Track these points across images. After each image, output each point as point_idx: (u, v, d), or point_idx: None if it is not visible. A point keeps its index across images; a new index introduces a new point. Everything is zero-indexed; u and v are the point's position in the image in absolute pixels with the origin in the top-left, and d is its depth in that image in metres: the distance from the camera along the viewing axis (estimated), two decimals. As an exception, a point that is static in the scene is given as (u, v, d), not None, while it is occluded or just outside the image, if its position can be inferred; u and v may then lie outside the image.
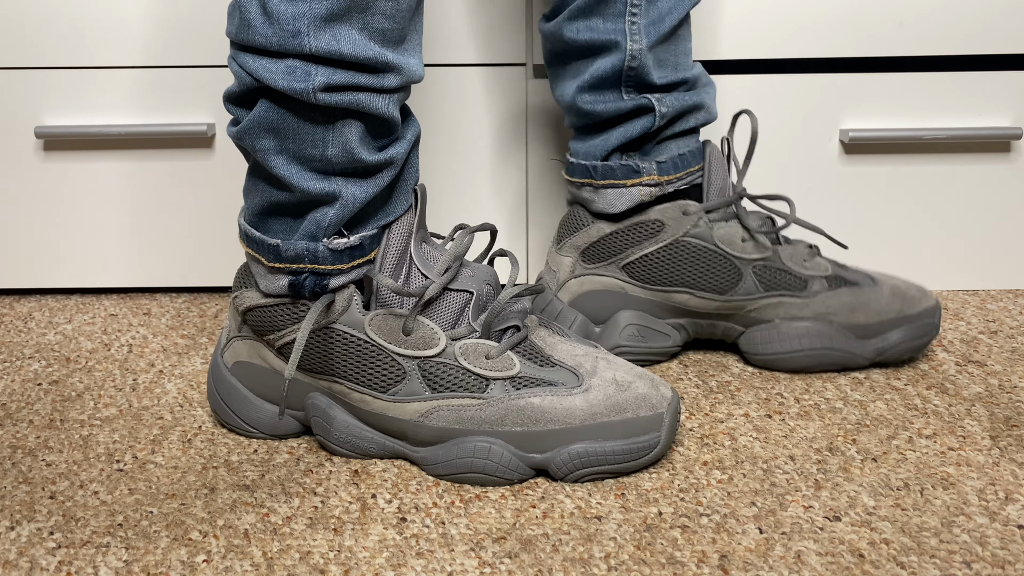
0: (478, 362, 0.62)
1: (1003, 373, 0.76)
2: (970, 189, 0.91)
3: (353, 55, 0.57)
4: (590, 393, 0.62)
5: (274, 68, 0.58)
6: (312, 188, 0.60)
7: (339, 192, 0.61)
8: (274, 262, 0.62)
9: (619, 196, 0.75)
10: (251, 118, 0.60)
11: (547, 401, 0.61)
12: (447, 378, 0.62)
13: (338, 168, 0.61)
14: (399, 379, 0.62)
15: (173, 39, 0.88)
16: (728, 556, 0.55)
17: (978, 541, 0.56)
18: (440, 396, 0.62)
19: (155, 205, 0.93)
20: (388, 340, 0.62)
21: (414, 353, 0.62)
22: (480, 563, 0.54)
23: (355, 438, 0.64)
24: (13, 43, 0.88)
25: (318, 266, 0.62)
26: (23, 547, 0.57)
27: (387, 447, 0.64)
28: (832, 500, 0.60)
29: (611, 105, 0.73)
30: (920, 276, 0.93)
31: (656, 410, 0.62)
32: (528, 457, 0.61)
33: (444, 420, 0.62)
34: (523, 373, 0.62)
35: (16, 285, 0.95)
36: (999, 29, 0.87)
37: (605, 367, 0.63)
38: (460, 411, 0.62)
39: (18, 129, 0.91)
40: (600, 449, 0.61)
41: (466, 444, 0.61)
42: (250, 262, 0.65)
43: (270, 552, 0.56)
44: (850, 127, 0.89)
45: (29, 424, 0.71)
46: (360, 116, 0.60)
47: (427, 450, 0.63)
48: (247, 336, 0.66)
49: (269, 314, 0.64)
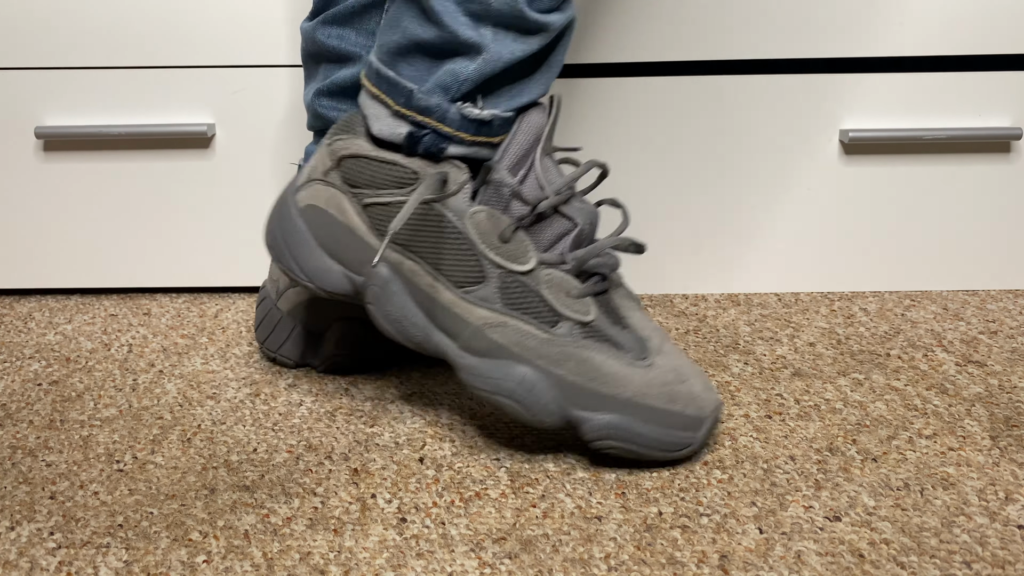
0: (558, 296, 0.61)
1: (1003, 373, 0.76)
2: (970, 189, 0.91)
3: None
4: (650, 371, 0.61)
5: None
6: (461, 32, 0.58)
7: (486, 45, 0.59)
8: (403, 107, 0.61)
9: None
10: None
11: (608, 363, 0.60)
12: (523, 298, 0.61)
13: (495, 17, 0.58)
14: (477, 281, 0.61)
15: (173, 39, 0.88)
16: (728, 556, 0.55)
17: (978, 541, 0.56)
18: (510, 313, 0.61)
19: (155, 205, 0.93)
20: (482, 240, 0.61)
21: (501, 262, 0.61)
22: (480, 563, 0.54)
23: (406, 320, 0.63)
24: (13, 43, 0.88)
25: (443, 126, 0.60)
26: (23, 547, 0.57)
27: (432, 340, 0.62)
28: (832, 500, 0.60)
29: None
30: (920, 276, 0.94)
31: (701, 412, 0.62)
32: (567, 409, 0.60)
33: (505, 338, 0.61)
34: (596, 324, 0.61)
35: (16, 285, 0.95)
36: (999, 29, 0.87)
37: (670, 350, 0.63)
38: (525, 336, 0.61)
39: (18, 129, 0.91)
40: (637, 429, 0.60)
41: (516, 369, 0.60)
42: (369, 104, 0.63)
43: (270, 553, 0.56)
44: (850, 127, 0.89)
45: (29, 424, 0.71)
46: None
47: (475, 359, 0.61)
48: (333, 183, 0.64)
49: (372, 168, 0.62)
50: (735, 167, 0.91)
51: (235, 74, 0.89)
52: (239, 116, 0.90)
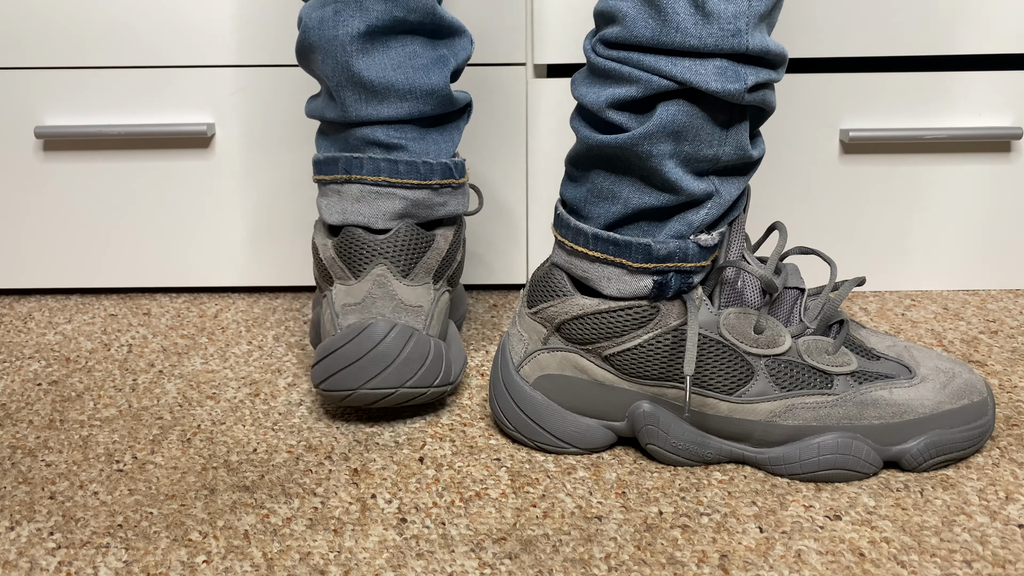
0: (820, 358, 0.62)
1: (1003, 373, 0.76)
2: (970, 189, 0.91)
3: (776, 51, 0.57)
4: (928, 383, 0.62)
5: (702, 70, 0.56)
6: (696, 189, 0.59)
7: (716, 190, 0.60)
8: (643, 262, 0.60)
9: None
10: (656, 122, 0.57)
11: (896, 393, 0.62)
12: (794, 376, 0.61)
13: (722, 166, 0.60)
14: (747, 379, 0.61)
15: (173, 39, 0.88)
16: (728, 556, 0.55)
17: (979, 540, 0.56)
18: (791, 394, 0.61)
19: (155, 205, 0.93)
20: (741, 339, 0.61)
21: (764, 352, 0.61)
22: (480, 564, 0.54)
23: (693, 444, 0.63)
24: (13, 43, 0.88)
25: (685, 264, 0.60)
26: (23, 547, 0.56)
27: (724, 451, 0.63)
28: (832, 499, 0.60)
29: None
30: (920, 276, 0.93)
31: (982, 395, 0.64)
32: (884, 450, 0.62)
33: (801, 418, 0.61)
34: (860, 368, 0.62)
35: (16, 285, 0.95)
36: (999, 29, 0.87)
37: (920, 355, 0.65)
38: (817, 409, 0.61)
39: (18, 129, 0.91)
40: (950, 437, 0.62)
41: (827, 441, 0.61)
42: (594, 268, 0.62)
43: (270, 553, 0.56)
44: (850, 127, 0.89)
45: (29, 424, 0.71)
46: (755, 111, 0.60)
47: (778, 450, 0.62)
48: (557, 348, 0.64)
49: (605, 320, 0.62)
50: (735, 167, 0.91)
51: (235, 74, 0.89)
52: (239, 116, 0.90)
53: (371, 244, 0.68)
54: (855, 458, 0.61)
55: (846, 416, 0.61)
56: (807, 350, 0.62)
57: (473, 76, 0.89)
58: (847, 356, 0.62)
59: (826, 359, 0.62)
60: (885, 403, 0.61)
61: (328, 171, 0.69)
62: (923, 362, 0.64)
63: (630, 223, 0.61)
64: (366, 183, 0.68)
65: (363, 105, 0.67)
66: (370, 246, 0.68)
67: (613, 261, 0.61)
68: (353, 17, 0.65)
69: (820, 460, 0.61)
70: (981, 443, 0.63)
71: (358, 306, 0.67)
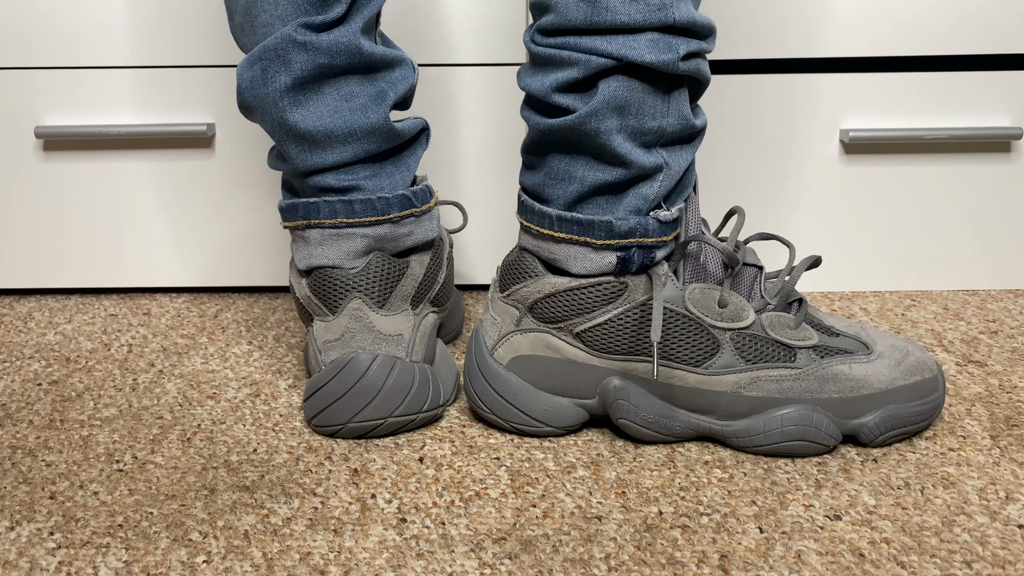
0: (783, 332, 0.64)
1: (1003, 373, 0.76)
2: (970, 189, 0.91)
3: (702, 23, 0.60)
4: (884, 359, 0.65)
5: (636, 44, 0.59)
6: (646, 162, 0.61)
7: (665, 162, 0.62)
8: (606, 239, 0.63)
9: None
10: (599, 99, 0.60)
11: (854, 369, 0.64)
12: (759, 349, 0.64)
13: (668, 138, 0.62)
14: (713, 352, 0.64)
15: (173, 39, 0.88)
16: (728, 556, 0.55)
17: (979, 540, 0.56)
18: (756, 367, 0.64)
19: (155, 205, 0.93)
20: (706, 313, 0.64)
21: (729, 325, 0.64)
22: (480, 564, 0.54)
23: (662, 417, 0.65)
24: (13, 43, 0.88)
25: (646, 239, 0.63)
26: (23, 547, 0.56)
27: (692, 423, 0.65)
28: (832, 499, 0.60)
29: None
30: (920, 276, 0.93)
31: (933, 372, 0.66)
32: (843, 423, 0.64)
33: (763, 390, 0.64)
34: (821, 342, 0.65)
35: (16, 285, 0.95)
36: (999, 29, 0.87)
37: (876, 335, 0.67)
38: (781, 381, 0.64)
39: (18, 129, 0.91)
40: (905, 411, 0.64)
41: (790, 413, 0.64)
42: (560, 248, 0.64)
43: (270, 553, 0.56)
44: (850, 127, 0.89)
45: (29, 424, 0.71)
46: (692, 82, 0.63)
47: (743, 422, 0.64)
48: (529, 329, 0.66)
49: (576, 298, 0.64)
50: (735, 167, 0.91)
51: (235, 74, 0.89)
52: (239, 116, 0.90)
53: (344, 279, 0.69)
54: (816, 429, 0.63)
55: (808, 389, 0.64)
56: (770, 324, 0.64)
57: (473, 76, 0.89)
58: (808, 331, 0.65)
59: (789, 333, 0.64)
60: (844, 378, 0.64)
61: (290, 218, 0.70)
62: (879, 340, 0.67)
63: (588, 200, 0.64)
64: (325, 227, 0.69)
65: (307, 155, 0.68)
66: (343, 281, 0.69)
67: (578, 240, 0.63)
68: (279, 73, 0.65)
69: (783, 431, 0.63)
70: (932, 418, 0.66)
71: (338, 341, 0.68)
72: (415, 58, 0.89)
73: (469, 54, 0.89)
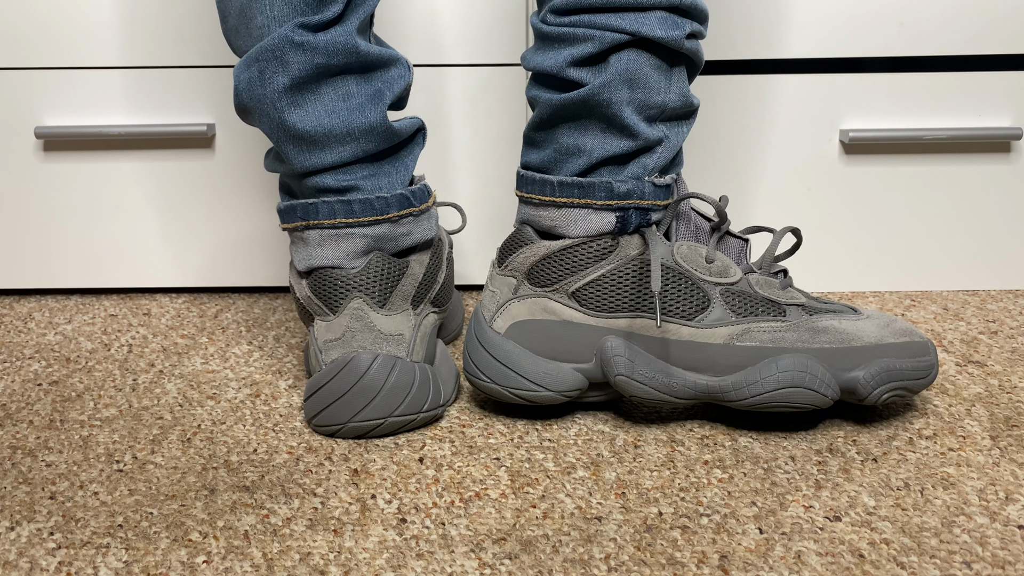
0: (772, 291, 0.67)
1: (1003, 373, 0.76)
2: (970, 189, 0.91)
3: (701, 7, 0.65)
4: (872, 320, 0.68)
5: (648, 20, 0.63)
6: (650, 134, 0.65)
7: (666, 136, 0.66)
8: (606, 199, 0.66)
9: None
10: (612, 71, 0.64)
11: (844, 323, 0.67)
12: (749, 304, 0.66)
13: (669, 113, 0.66)
14: (705, 306, 0.66)
15: (173, 39, 0.88)
16: (728, 556, 0.55)
17: (978, 541, 0.56)
18: (747, 320, 0.66)
19: (155, 205, 0.93)
20: (694, 267, 0.66)
21: (717, 280, 0.66)
22: (480, 564, 0.54)
23: (660, 374, 0.66)
24: (13, 43, 0.88)
25: (643, 201, 0.66)
26: (23, 547, 0.57)
27: (689, 382, 0.66)
28: (832, 500, 0.60)
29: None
30: (920, 276, 0.94)
31: (922, 339, 0.68)
32: (838, 374, 0.65)
33: (758, 340, 0.66)
34: (808, 304, 0.68)
35: (16, 285, 0.95)
36: (999, 29, 0.87)
37: (863, 306, 0.70)
38: (773, 332, 0.66)
39: (18, 129, 0.91)
40: (901, 366, 0.66)
41: (785, 359, 0.65)
42: (560, 214, 0.67)
43: (270, 553, 0.56)
44: (850, 127, 0.89)
45: (29, 424, 0.71)
46: (689, 62, 0.67)
47: (738, 375, 0.65)
48: (526, 295, 0.68)
49: (568, 257, 0.66)
50: (735, 167, 0.91)
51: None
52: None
53: (344, 279, 0.69)
54: (812, 376, 0.64)
55: (800, 339, 0.66)
56: (758, 283, 0.67)
57: (473, 76, 0.89)
58: (795, 293, 0.68)
59: (777, 292, 0.67)
60: (835, 330, 0.66)
61: (289, 220, 0.70)
62: (865, 308, 0.70)
63: (594, 172, 0.67)
64: (323, 227, 0.69)
65: (306, 156, 0.68)
66: (344, 281, 0.69)
67: (579, 203, 0.66)
68: (277, 73, 0.65)
69: (779, 377, 0.64)
70: (929, 379, 0.67)
71: (339, 341, 0.68)
72: (412, 59, 0.89)
73: (466, 55, 0.89)
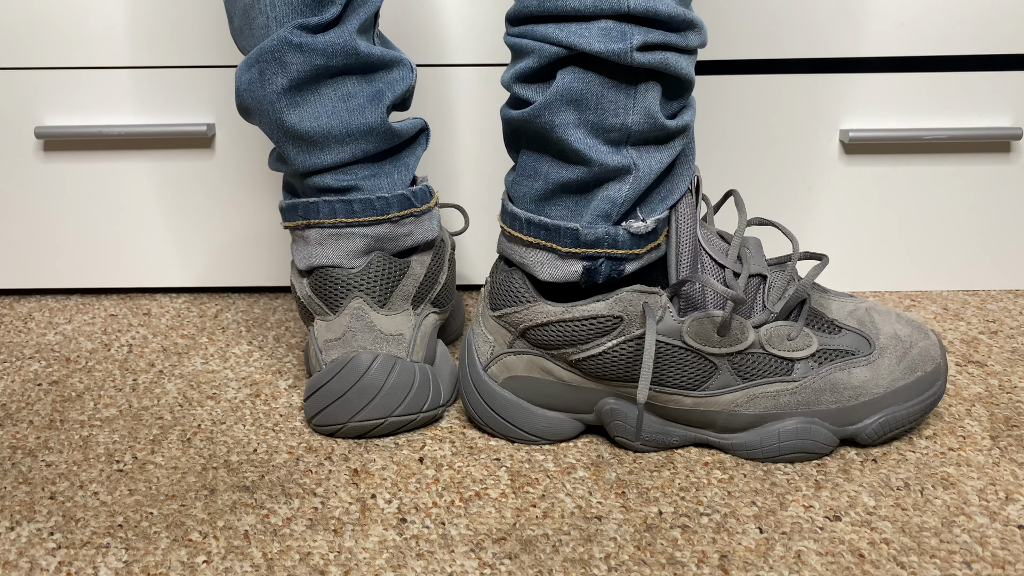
0: (782, 346, 0.63)
1: (1003, 373, 0.76)
2: (970, 189, 0.91)
3: (668, 13, 0.56)
4: (884, 358, 0.64)
5: (587, 32, 0.56)
6: (609, 161, 0.59)
7: (634, 164, 0.59)
8: (571, 247, 0.61)
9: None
10: (552, 91, 0.58)
11: (854, 375, 0.63)
12: (756, 366, 0.63)
13: (635, 137, 0.59)
14: (709, 375, 0.63)
15: (173, 39, 0.88)
16: (728, 556, 0.55)
17: (978, 541, 0.56)
18: (752, 384, 0.63)
19: (155, 205, 0.93)
20: (705, 344, 0.62)
21: (727, 351, 0.62)
22: (480, 564, 0.54)
23: (659, 435, 0.65)
24: (13, 43, 0.88)
25: (615, 250, 0.61)
26: (23, 547, 0.57)
27: (689, 437, 0.65)
28: (832, 500, 0.60)
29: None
30: (920, 276, 0.93)
31: (936, 362, 0.65)
32: (840, 430, 0.64)
33: (761, 407, 0.63)
34: (821, 347, 0.64)
35: (16, 285, 0.95)
36: (999, 29, 0.87)
37: (881, 321, 0.66)
38: (777, 397, 0.63)
39: (18, 129, 0.91)
40: (904, 412, 0.64)
41: (787, 427, 0.63)
42: (528, 253, 0.63)
43: (270, 553, 0.56)
44: (850, 127, 0.89)
45: (29, 424, 0.71)
46: (662, 78, 0.59)
47: (741, 436, 0.64)
48: (523, 351, 0.65)
49: (571, 329, 0.62)
50: (735, 167, 0.91)
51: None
52: (239, 117, 0.90)
53: (345, 278, 0.69)
54: (813, 441, 0.63)
55: (805, 402, 0.63)
56: (768, 340, 0.62)
57: (473, 76, 0.89)
58: (808, 337, 0.63)
59: (787, 345, 0.63)
60: (843, 387, 0.63)
61: (290, 218, 0.70)
62: (883, 328, 0.65)
63: (554, 199, 0.62)
64: (324, 227, 0.69)
65: (306, 156, 0.68)
66: (344, 280, 0.69)
67: (544, 246, 0.62)
68: (276, 74, 0.65)
69: (781, 446, 0.63)
70: (931, 409, 0.66)
71: (339, 341, 0.68)
72: (416, 59, 0.89)
73: (470, 55, 0.89)
